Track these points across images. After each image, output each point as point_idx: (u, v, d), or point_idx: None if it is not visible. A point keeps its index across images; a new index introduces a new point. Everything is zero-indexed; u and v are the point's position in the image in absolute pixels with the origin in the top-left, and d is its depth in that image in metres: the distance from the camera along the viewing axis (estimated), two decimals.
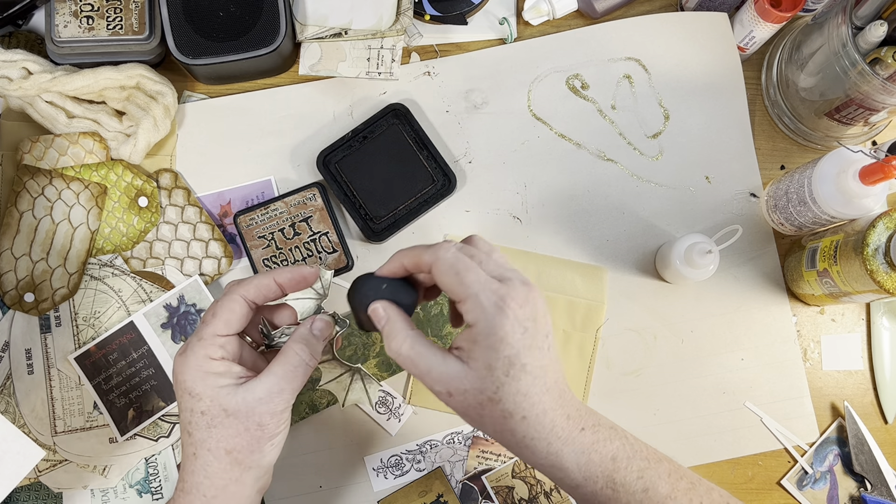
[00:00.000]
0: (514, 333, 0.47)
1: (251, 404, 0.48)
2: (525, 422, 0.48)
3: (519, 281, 0.48)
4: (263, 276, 0.50)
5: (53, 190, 0.65)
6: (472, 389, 0.48)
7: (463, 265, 0.48)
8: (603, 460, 0.48)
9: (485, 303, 0.47)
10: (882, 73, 0.57)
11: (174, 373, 0.49)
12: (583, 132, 0.69)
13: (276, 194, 0.67)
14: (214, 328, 0.49)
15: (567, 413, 0.48)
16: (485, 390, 0.47)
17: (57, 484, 0.63)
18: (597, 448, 0.48)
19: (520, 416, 0.48)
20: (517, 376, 0.47)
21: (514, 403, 0.47)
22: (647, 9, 0.72)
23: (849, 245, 0.57)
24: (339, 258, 0.65)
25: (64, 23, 0.63)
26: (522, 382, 0.47)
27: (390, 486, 0.64)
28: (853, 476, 0.66)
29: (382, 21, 0.65)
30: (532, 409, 0.47)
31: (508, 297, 0.47)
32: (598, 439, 0.48)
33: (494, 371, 0.47)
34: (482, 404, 0.48)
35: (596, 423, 0.49)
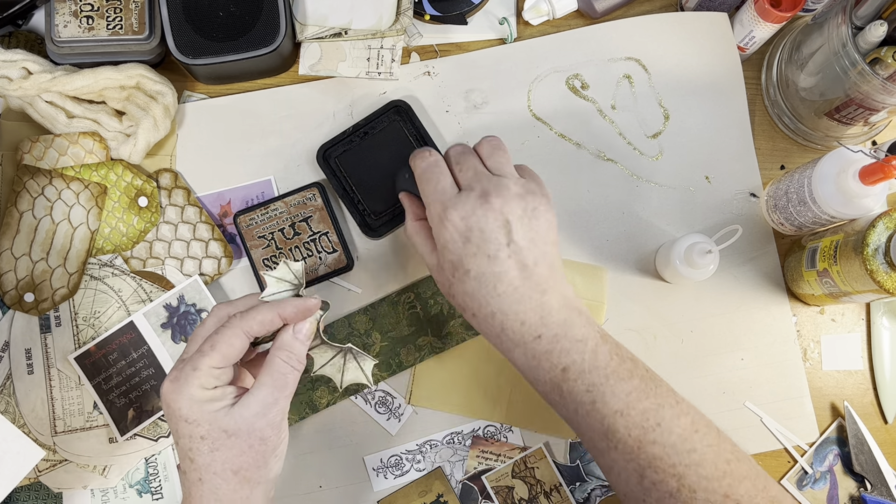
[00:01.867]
0: (453, 242, 0.52)
1: (249, 421, 0.48)
2: (475, 319, 0.53)
3: (478, 192, 0.53)
4: (267, 310, 0.49)
5: (53, 190, 0.65)
6: (440, 280, 0.55)
7: (428, 176, 0.55)
8: (552, 369, 0.51)
9: (432, 213, 0.54)
10: (882, 73, 0.57)
11: (165, 400, 0.48)
12: (583, 132, 0.69)
13: (276, 194, 0.67)
14: (211, 361, 0.48)
15: (523, 319, 0.51)
16: (443, 283, 0.55)
17: (57, 484, 0.63)
18: (549, 357, 0.51)
19: (470, 313, 0.53)
20: (462, 279, 0.52)
21: (463, 302, 0.53)
22: (647, 9, 0.72)
23: (849, 245, 0.57)
24: (339, 258, 0.65)
25: (64, 23, 0.63)
26: (467, 285, 0.52)
27: (390, 486, 0.64)
28: (853, 476, 0.66)
29: (382, 21, 0.65)
30: (480, 309, 0.52)
31: (451, 209, 0.53)
32: (554, 349, 0.51)
33: (445, 271, 0.54)
34: (447, 296, 0.55)
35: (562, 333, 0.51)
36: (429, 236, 0.56)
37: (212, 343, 0.49)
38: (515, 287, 0.51)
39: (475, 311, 0.53)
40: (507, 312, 0.51)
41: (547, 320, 0.51)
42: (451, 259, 0.52)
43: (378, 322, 0.65)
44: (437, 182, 0.54)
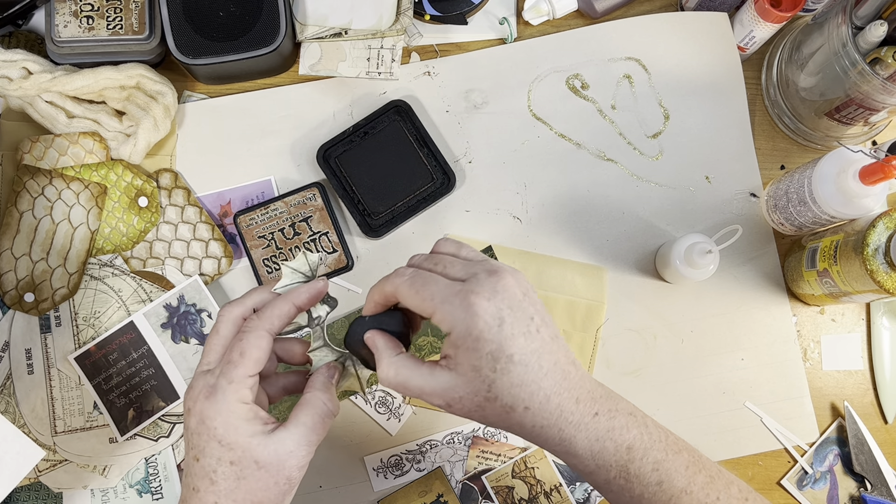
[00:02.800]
0: (489, 329, 0.45)
1: (282, 457, 0.46)
2: (529, 412, 0.46)
3: (485, 273, 0.47)
4: (283, 302, 0.48)
5: (53, 190, 0.65)
6: (466, 395, 0.47)
7: (420, 282, 0.47)
8: (618, 449, 0.46)
9: (451, 309, 0.46)
10: (882, 73, 0.57)
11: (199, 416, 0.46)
12: (583, 132, 0.69)
13: (277, 194, 0.67)
14: (246, 369, 0.46)
15: (576, 396, 0.46)
16: (479, 391, 0.46)
17: (57, 484, 0.63)
18: (612, 436, 0.46)
19: (522, 408, 0.46)
20: (506, 369, 0.45)
21: (512, 396, 0.46)
22: (647, 9, 0.72)
23: (849, 245, 0.57)
24: (340, 258, 0.65)
25: (64, 23, 0.63)
26: (514, 374, 0.46)
27: (390, 486, 0.64)
28: (853, 476, 0.66)
29: (382, 21, 0.65)
30: (532, 397, 0.46)
31: (473, 295, 0.46)
32: (614, 426, 0.46)
33: (481, 371, 0.46)
34: (481, 406, 0.47)
35: (613, 407, 0.47)
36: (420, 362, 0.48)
37: (240, 350, 0.47)
38: (555, 361, 0.46)
39: (528, 402, 0.46)
40: (560, 392, 0.46)
41: (594, 394, 0.47)
42: (490, 350, 0.45)
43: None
44: (434, 283, 0.47)
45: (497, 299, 0.46)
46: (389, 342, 0.49)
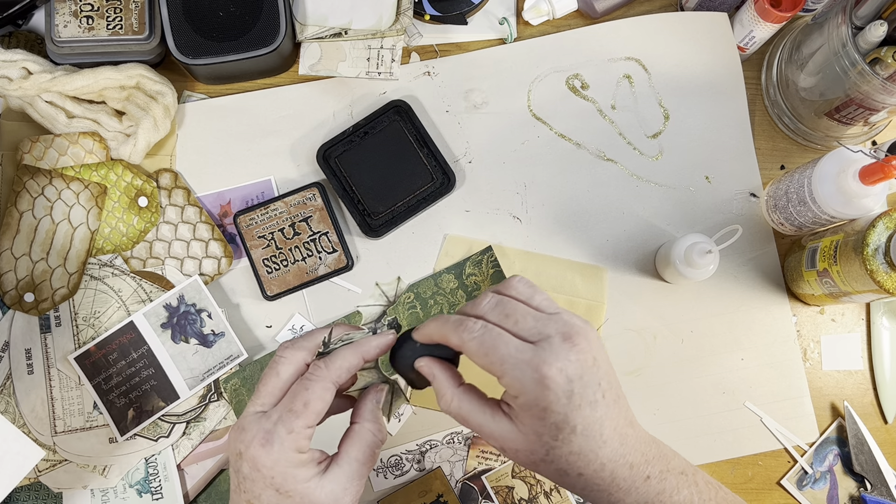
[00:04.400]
0: (557, 402, 0.45)
1: (338, 496, 0.46)
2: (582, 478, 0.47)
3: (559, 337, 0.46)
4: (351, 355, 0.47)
5: (53, 190, 0.65)
6: (523, 450, 0.47)
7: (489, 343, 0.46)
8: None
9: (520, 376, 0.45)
10: (882, 73, 0.57)
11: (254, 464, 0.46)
12: (583, 132, 0.69)
13: (276, 194, 0.67)
14: (307, 420, 0.46)
15: (630, 462, 0.46)
16: (536, 452, 0.46)
17: (57, 484, 0.63)
18: (661, 499, 0.46)
19: (576, 474, 0.46)
20: (567, 439, 0.46)
21: (568, 463, 0.46)
22: (647, 9, 0.72)
23: (849, 245, 0.57)
24: (339, 258, 0.65)
25: (64, 23, 0.63)
26: (574, 444, 0.46)
27: (390, 486, 0.64)
28: (853, 476, 0.66)
29: (382, 21, 0.65)
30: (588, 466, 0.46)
31: (545, 366, 0.45)
32: (665, 489, 0.47)
33: (542, 437, 0.46)
34: (535, 464, 0.47)
35: (665, 468, 0.47)
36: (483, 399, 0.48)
37: (304, 401, 0.46)
38: (615, 427, 0.46)
39: (582, 469, 0.46)
40: (615, 459, 0.46)
41: (648, 456, 0.47)
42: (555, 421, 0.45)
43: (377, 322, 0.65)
44: (505, 345, 0.46)
45: (569, 370, 0.45)
46: (447, 371, 0.49)
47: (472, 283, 0.66)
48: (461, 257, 0.67)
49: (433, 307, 0.65)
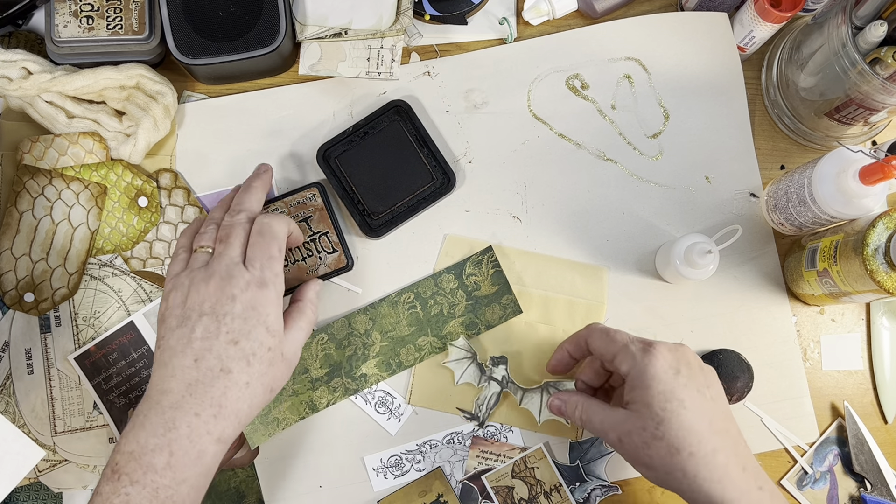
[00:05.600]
0: (664, 372, 0.50)
1: (296, 352, 0.54)
2: (693, 459, 0.48)
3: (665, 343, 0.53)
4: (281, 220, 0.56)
5: (53, 190, 0.65)
6: (635, 429, 0.50)
7: (612, 329, 0.56)
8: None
9: (633, 349, 0.52)
10: (882, 73, 0.57)
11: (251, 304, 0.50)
12: (583, 132, 0.69)
13: (276, 194, 0.67)
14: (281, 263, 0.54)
15: (743, 464, 0.48)
16: (647, 427, 0.50)
17: (57, 484, 0.63)
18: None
19: (687, 453, 0.48)
20: (676, 411, 0.49)
21: (679, 438, 0.48)
22: (647, 9, 0.72)
23: (849, 245, 0.57)
24: (339, 258, 0.65)
25: (64, 23, 0.63)
26: (683, 417, 0.48)
27: (390, 486, 0.64)
28: (853, 476, 0.66)
29: (382, 21, 0.65)
30: (700, 445, 0.48)
31: (655, 346, 0.52)
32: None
33: (651, 407, 0.50)
34: (647, 443, 0.50)
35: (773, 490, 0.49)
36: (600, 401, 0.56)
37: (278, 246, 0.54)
38: (726, 428, 0.50)
39: (694, 448, 0.48)
40: (728, 452, 0.48)
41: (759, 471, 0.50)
42: (663, 390, 0.50)
43: (378, 322, 0.65)
44: (624, 333, 0.55)
45: (676, 355, 0.52)
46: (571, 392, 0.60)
47: (472, 283, 0.66)
48: (461, 257, 0.67)
49: (433, 307, 0.65)
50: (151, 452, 0.46)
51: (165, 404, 0.48)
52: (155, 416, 0.48)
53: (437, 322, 0.65)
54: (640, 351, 0.52)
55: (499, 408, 0.65)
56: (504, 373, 0.64)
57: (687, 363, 0.51)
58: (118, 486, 0.45)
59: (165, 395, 0.48)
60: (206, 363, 0.49)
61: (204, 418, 0.48)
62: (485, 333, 0.66)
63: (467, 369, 0.64)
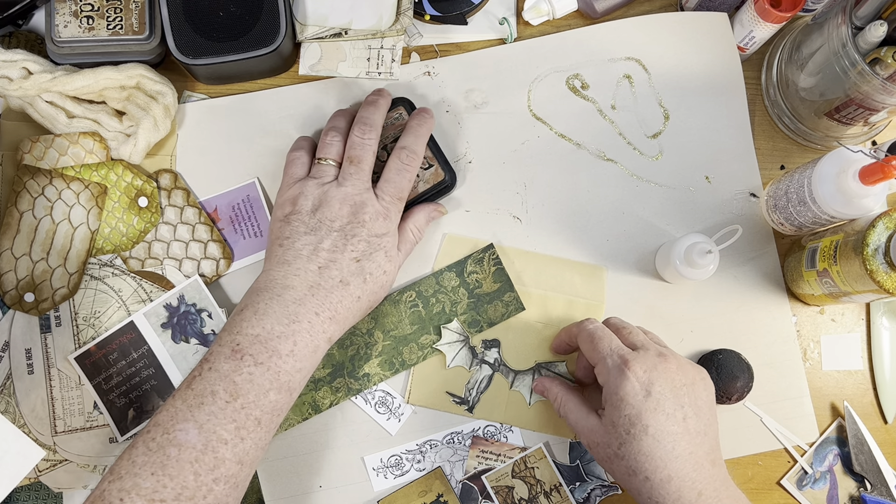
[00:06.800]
0: (634, 394, 0.51)
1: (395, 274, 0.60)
2: (648, 483, 0.50)
3: (655, 352, 0.53)
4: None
5: (53, 190, 0.65)
6: (602, 443, 0.53)
7: (600, 334, 0.56)
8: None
9: (609, 365, 0.53)
10: (882, 73, 0.57)
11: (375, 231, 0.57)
12: (583, 132, 0.69)
13: (261, 196, 0.67)
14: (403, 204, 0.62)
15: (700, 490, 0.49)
16: (611, 444, 0.52)
17: (57, 484, 0.63)
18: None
19: (642, 476, 0.50)
20: (638, 436, 0.50)
21: (637, 462, 0.50)
22: (647, 9, 0.72)
23: (849, 245, 0.57)
24: (437, 172, 0.65)
25: (64, 23, 0.63)
26: (644, 443, 0.50)
27: (390, 486, 0.64)
28: (853, 476, 0.66)
29: (382, 21, 0.65)
30: (655, 472, 0.49)
31: (633, 362, 0.52)
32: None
33: (617, 427, 0.51)
34: (610, 458, 0.52)
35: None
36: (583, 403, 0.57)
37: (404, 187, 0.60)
38: (691, 452, 0.50)
39: (649, 473, 0.50)
40: (684, 479, 0.49)
41: (720, 495, 0.50)
42: (629, 414, 0.51)
43: (380, 321, 0.65)
44: (610, 340, 0.55)
45: (653, 374, 0.52)
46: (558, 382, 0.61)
47: (474, 282, 0.66)
48: (460, 256, 0.67)
49: (435, 305, 0.65)
50: (277, 339, 0.51)
51: (288, 298, 0.53)
52: (278, 306, 0.52)
53: (440, 320, 0.65)
54: (616, 368, 0.53)
55: (488, 392, 0.64)
56: (496, 355, 0.65)
57: (663, 385, 0.51)
58: (241, 364, 0.49)
59: (288, 290, 0.53)
60: (329, 273, 0.55)
61: (322, 318, 0.53)
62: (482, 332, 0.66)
63: (459, 352, 0.64)
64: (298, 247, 0.55)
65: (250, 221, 0.67)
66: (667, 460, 0.49)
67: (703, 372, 0.55)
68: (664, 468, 0.49)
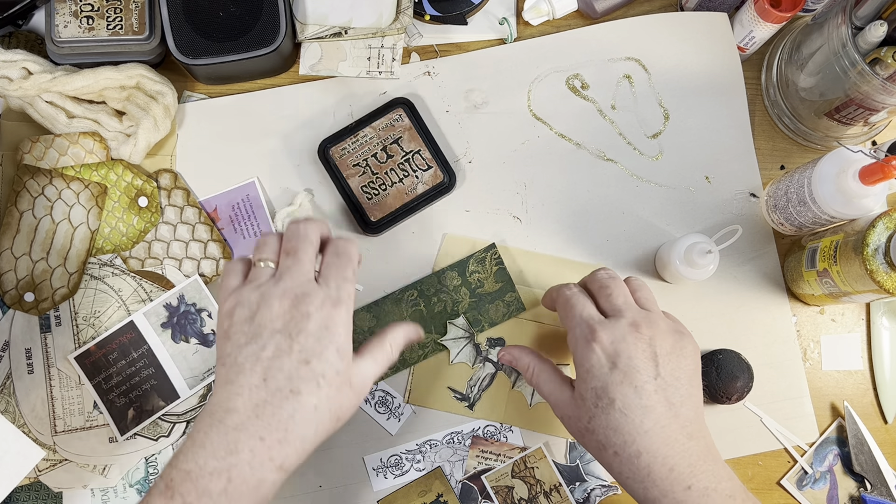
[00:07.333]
0: (599, 367, 0.49)
1: (366, 384, 0.50)
2: (617, 458, 0.49)
3: (629, 320, 0.50)
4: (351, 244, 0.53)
5: (53, 190, 0.65)
6: (573, 416, 0.51)
7: (574, 301, 0.53)
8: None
9: (577, 335, 0.51)
10: (882, 73, 0.57)
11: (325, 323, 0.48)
12: (583, 132, 0.69)
13: (261, 196, 0.67)
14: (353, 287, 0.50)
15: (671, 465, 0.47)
16: (581, 418, 0.50)
17: (57, 484, 0.63)
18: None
19: (612, 451, 0.49)
20: (605, 409, 0.49)
21: (605, 437, 0.49)
22: (647, 9, 0.72)
23: (849, 245, 0.57)
24: (436, 174, 0.65)
25: (64, 23, 0.63)
26: (611, 416, 0.48)
27: (390, 486, 0.64)
28: (853, 476, 0.66)
29: (382, 19, 0.65)
30: (624, 447, 0.48)
31: (600, 332, 0.50)
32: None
33: (585, 401, 0.50)
34: (581, 433, 0.51)
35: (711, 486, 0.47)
36: (557, 373, 0.54)
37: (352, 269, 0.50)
38: (662, 426, 0.48)
39: (618, 448, 0.48)
40: (654, 454, 0.48)
41: (696, 469, 0.48)
42: (595, 386, 0.49)
43: (382, 320, 0.65)
44: (582, 307, 0.52)
45: (621, 346, 0.49)
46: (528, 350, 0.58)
47: (476, 281, 0.66)
48: (460, 257, 0.67)
49: (436, 304, 0.65)
50: (209, 476, 0.44)
51: (229, 424, 0.45)
52: (217, 435, 0.45)
53: (441, 319, 0.65)
54: (582, 338, 0.50)
55: (489, 390, 0.64)
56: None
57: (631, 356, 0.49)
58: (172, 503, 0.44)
59: (230, 413, 0.46)
60: (275, 383, 0.46)
61: (269, 443, 0.45)
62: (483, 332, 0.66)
63: (464, 349, 0.64)
64: (240, 361, 0.47)
65: (250, 221, 0.67)
66: (635, 435, 0.48)
67: (685, 338, 0.52)
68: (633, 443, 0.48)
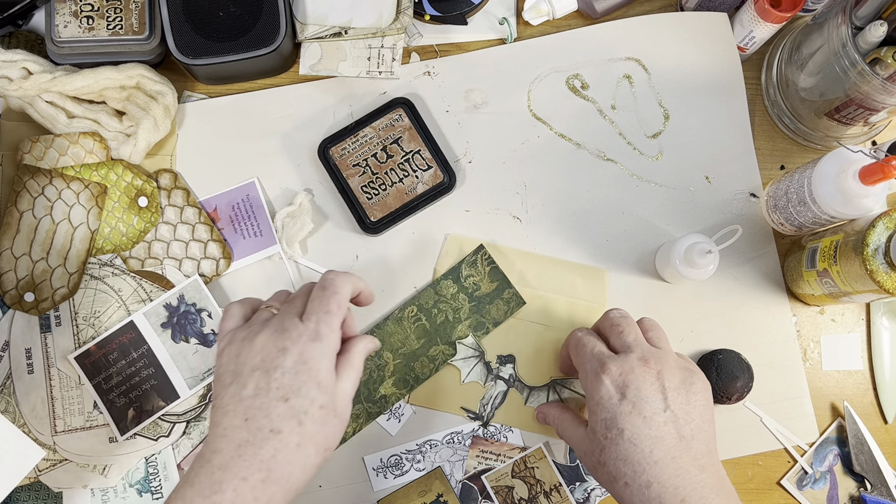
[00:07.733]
0: (608, 397, 0.50)
1: (347, 405, 0.50)
2: (628, 489, 0.49)
3: (637, 356, 0.52)
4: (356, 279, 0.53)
5: (53, 190, 0.65)
6: (587, 452, 0.52)
7: (586, 341, 0.55)
8: None
9: (588, 370, 0.52)
10: (882, 73, 0.57)
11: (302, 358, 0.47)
12: (583, 132, 0.69)
13: (261, 196, 0.67)
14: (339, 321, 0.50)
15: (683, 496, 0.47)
16: (593, 452, 0.51)
17: (57, 483, 0.63)
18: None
19: (622, 482, 0.49)
20: (615, 440, 0.49)
21: (616, 468, 0.49)
22: (647, 9, 0.72)
23: (849, 245, 0.57)
24: (436, 174, 0.65)
25: (64, 23, 0.63)
26: (621, 447, 0.49)
27: (390, 486, 0.64)
28: (853, 476, 0.66)
29: (382, 19, 0.65)
30: (634, 478, 0.48)
31: (609, 365, 0.51)
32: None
33: (596, 433, 0.51)
34: (595, 467, 0.52)
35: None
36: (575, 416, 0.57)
37: (337, 302, 0.50)
38: (673, 457, 0.48)
39: (628, 479, 0.49)
40: (665, 484, 0.48)
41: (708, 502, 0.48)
42: (605, 418, 0.50)
43: (387, 342, 0.65)
44: (593, 345, 0.54)
45: (629, 377, 0.51)
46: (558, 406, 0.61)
47: (472, 284, 0.66)
48: (462, 257, 0.66)
49: (438, 315, 0.65)
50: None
51: (215, 464, 0.46)
52: (204, 475, 0.46)
53: (445, 329, 0.65)
54: (592, 372, 0.52)
55: (502, 408, 0.65)
56: (511, 371, 0.64)
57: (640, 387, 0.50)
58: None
59: (216, 454, 0.46)
60: (255, 423, 0.46)
61: (251, 483, 0.45)
62: (485, 338, 0.65)
63: (474, 368, 0.64)
64: (225, 402, 0.48)
65: (250, 221, 0.67)
66: (645, 465, 0.48)
67: (697, 375, 0.53)
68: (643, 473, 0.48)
